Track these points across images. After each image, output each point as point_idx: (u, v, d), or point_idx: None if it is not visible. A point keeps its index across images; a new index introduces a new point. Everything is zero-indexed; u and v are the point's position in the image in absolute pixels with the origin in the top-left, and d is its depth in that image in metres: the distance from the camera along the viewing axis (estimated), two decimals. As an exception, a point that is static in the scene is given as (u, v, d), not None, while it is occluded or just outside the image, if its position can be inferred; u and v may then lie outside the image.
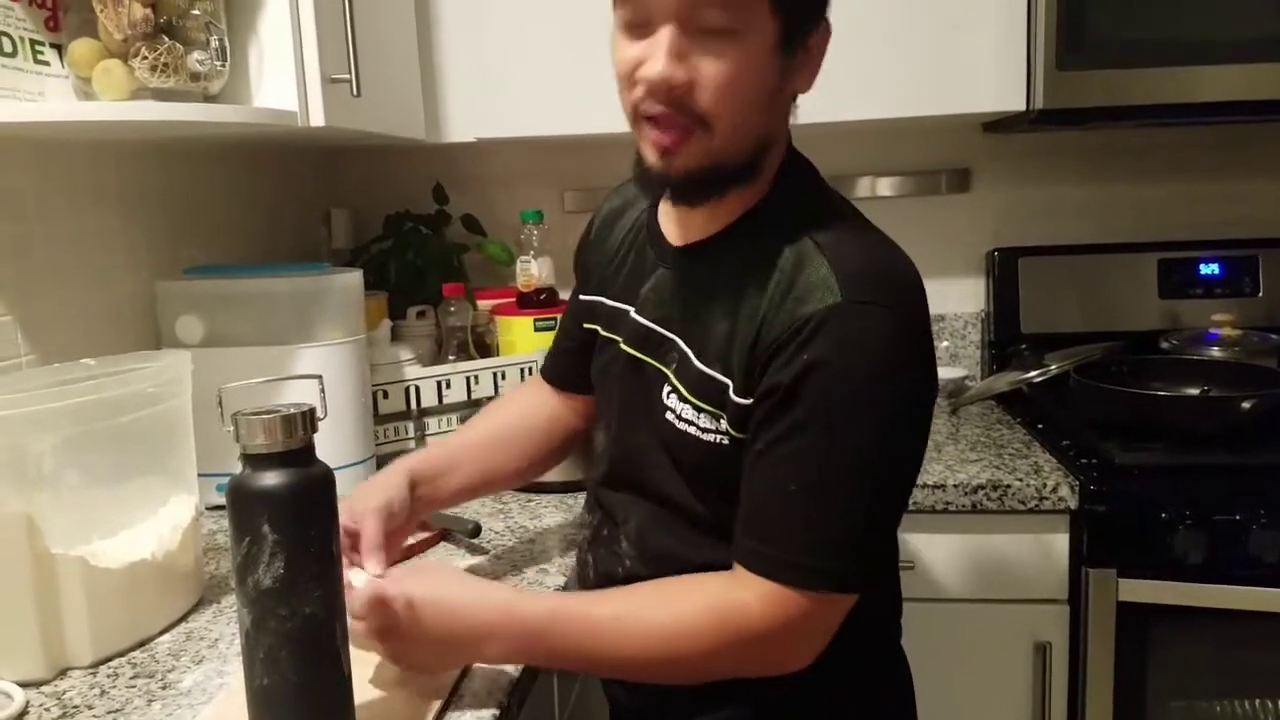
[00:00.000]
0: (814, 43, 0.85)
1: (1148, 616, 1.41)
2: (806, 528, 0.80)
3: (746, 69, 0.79)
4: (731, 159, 0.83)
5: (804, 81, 0.85)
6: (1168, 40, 1.56)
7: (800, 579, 0.80)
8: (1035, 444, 1.61)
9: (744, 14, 0.78)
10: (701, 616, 0.83)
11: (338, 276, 1.47)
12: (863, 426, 0.79)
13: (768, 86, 0.81)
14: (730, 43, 0.78)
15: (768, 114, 0.83)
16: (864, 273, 0.82)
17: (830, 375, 0.79)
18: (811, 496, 0.80)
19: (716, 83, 0.79)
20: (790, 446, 0.80)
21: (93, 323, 1.39)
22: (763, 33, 0.79)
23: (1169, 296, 1.88)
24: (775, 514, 0.82)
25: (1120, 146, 1.95)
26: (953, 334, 2.04)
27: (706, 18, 0.78)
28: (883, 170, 2.00)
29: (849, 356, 0.79)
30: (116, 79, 1.22)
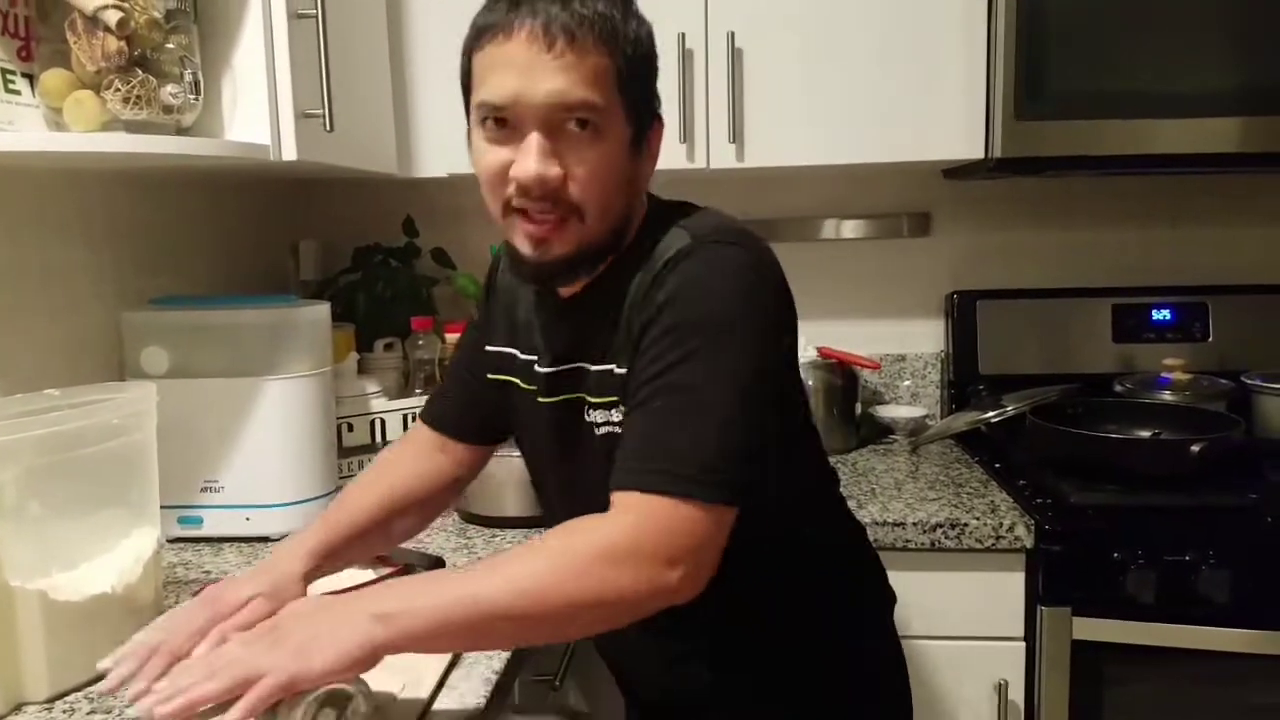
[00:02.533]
0: (653, 137, 0.95)
1: (1102, 654, 1.44)
2: (671, 440, 0.83)
3: (609, 163, 0.88)
4: (598, 240, 0.91)
5: (649, 167, 0.95)
6: (1122, 94, 1.62)
7: (666, 484, 0.80)
8: (993, 483, 1.64)
9: (604, 118, 0.87)
10: (576, 540, 0.81)
11: (304, 308, 1.47)
12: (719, 343, 0.85)
13: (625, 176, 0.91)
14: (593, 143, 0.87)
15: (626, 199, 0.93)
16: (715, 225, 0.92)
17: (684, 301, 0.86)
18: (675, 411, 0.83)
19: (585, 177, 0.87)
20: (655, 371, 0.85)
21: (57, 353, 1.38)
22: (619, 133, 0.89)
23: (1122, 340, 1.93)
24: (642, 433, 0.85)
25: (1077, 194, 2.01)
26: (913, 374, 2.07)
27: (577, 118, 0.86)
28: (845, 213, 2.04)
29: (701, 282, 0.87)
30: (88, 110, 1.22)
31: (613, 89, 0.87)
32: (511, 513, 1.47)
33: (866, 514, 1.48)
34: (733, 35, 1.67)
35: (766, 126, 1.71)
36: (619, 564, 0.79)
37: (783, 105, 1.71)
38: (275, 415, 1.43)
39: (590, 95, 0.85)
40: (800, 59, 1.70)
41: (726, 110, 1.69)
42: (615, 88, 0.87)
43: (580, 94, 0.85)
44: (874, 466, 1.76)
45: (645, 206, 0.98)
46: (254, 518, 1.44)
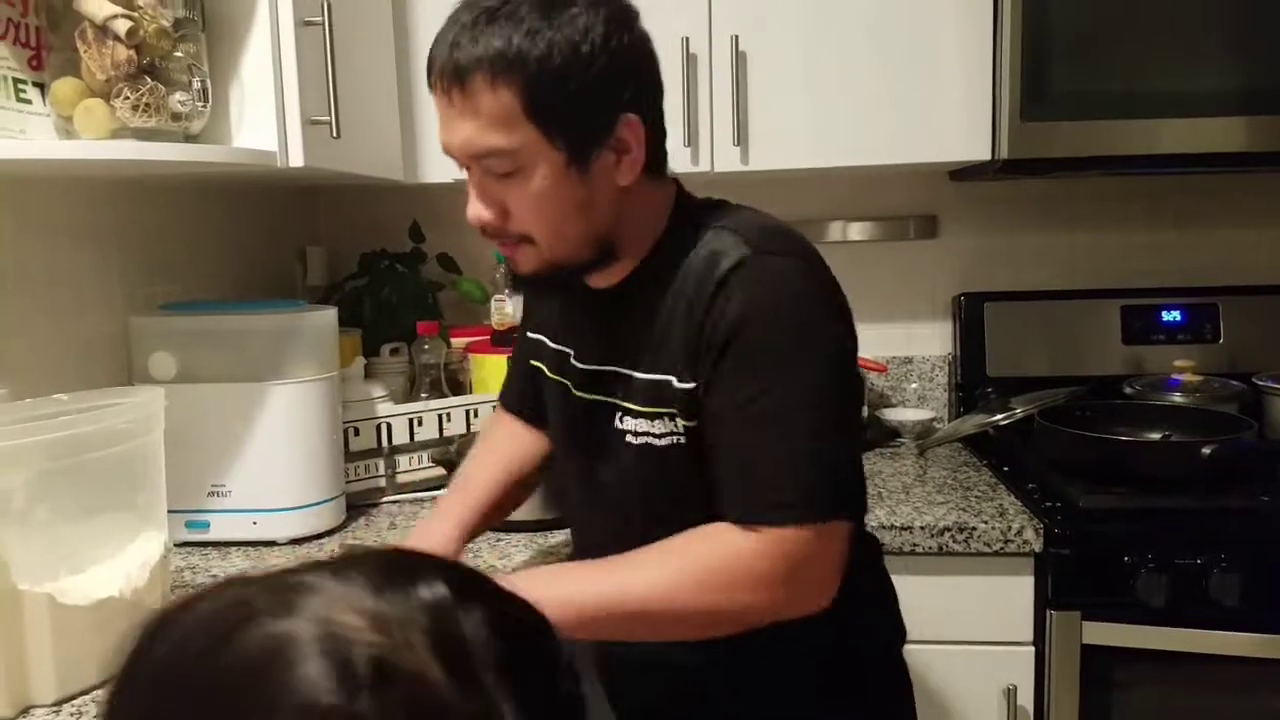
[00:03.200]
0: (616, 144, 0.89)
1: (1112, 659, 1.43)
2: (774, 470, 0.86)
3: (541, 197, 0.87)
4: (569, 258, 0.92)
5: (624, 175, 0.90)
6: (1128, 93, 1.61)
7: (789, 516, 0.84)
8: (1001, 486, 1.64)
9: (521, 156, 0.85)
10: (704, 555, 0.87)
11: (311, 314, 1.48)
12: (801, 364, 0.86)
13: (576, 199, 0.88)
14: (521, 179, 0.87)
15: (591, 217, 0.90)
16: (763, 229, 0.92)
17: (759, 323, 0.86)
18: (780, 439, 0.86)
19: (520, 214, 0.89)
20: (745, 397, 0.87)
21: (66, 358, 1.39)
22: (548, 161, 0.86)
23: (1132, 342, 1.92)
24: (746, 460, 0.87)
25: (1084, 195, 2.00)
26: (921, 376, 2.07)
27: (492, 165, 0.87)
28: (852, 216, 2.04)
29: (773, 302, 0.87)
30: (98, 118, 1.23)
31: (523, 122, 0.84)
32: (519, 516, 1.46)
33: (873, 518, 1.48)
34: (736, 39, 1.67)
35: (771, 129, 1.71)
36: (745, 586, 0.85)
37: (787, 108, 1.71)
38: (282, 420, 1.43)
39: (493, 141, 0.84)
40: (804, 61, 1.70)
41: (731, 113, 1.69)
42: (528, 119, 0.84)
43: (483, 142, 0.85)
44: (881, 470, 1.76)
45: (669, 200, 0.97)
46: (261, 522, 1.44)
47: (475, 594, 0.43)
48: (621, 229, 0.94)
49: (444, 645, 0.40)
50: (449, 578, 0.43)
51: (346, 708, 0.38)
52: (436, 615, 0.41)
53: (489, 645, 0.41)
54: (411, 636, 0.40)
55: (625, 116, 0.88)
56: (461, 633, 0.41)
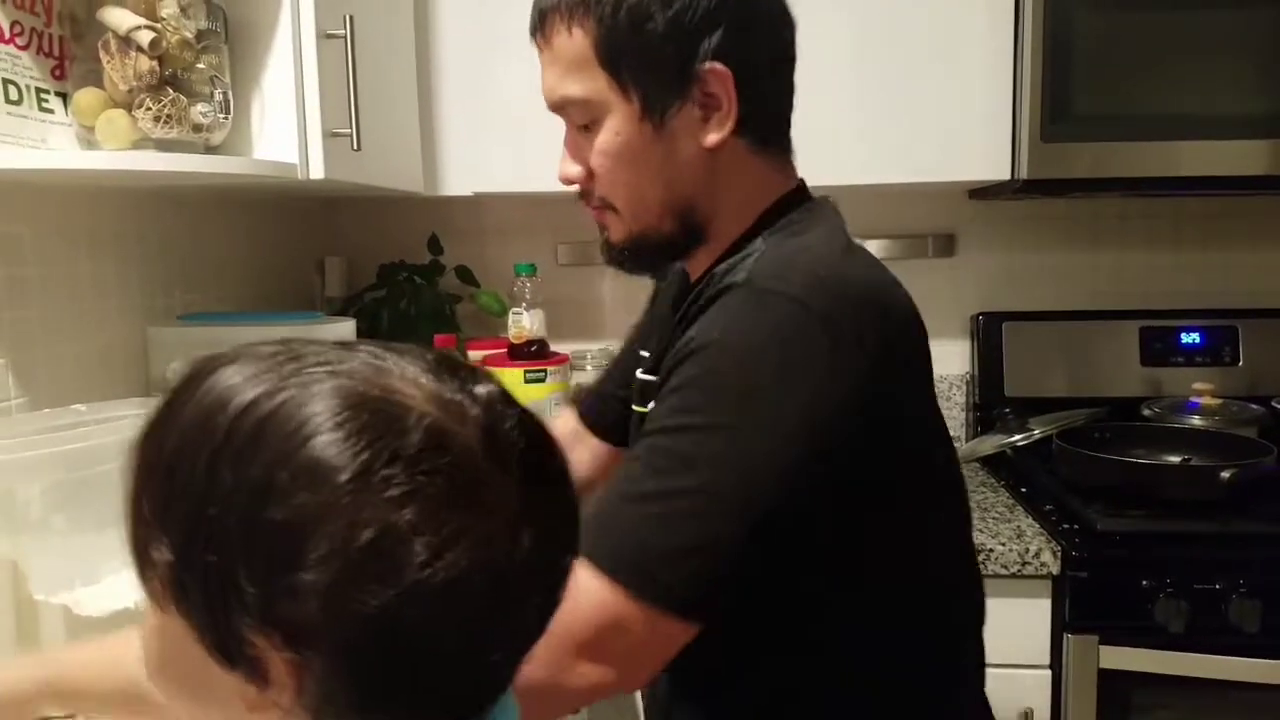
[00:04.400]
0: (702, 98, 0.79)
1: (1129, 684, 1.41)
2: (641, 520, 0.70)
3: (614, 153, 0.81)
4: (655, 230, 0.84)
5: (711, 134, 0.80)
6: (1150, 115, 1.60)
7: (617, 569, 0.69)
8: (1019, 508, 1.62)
9: (594, 106, 0.80)
10: None
11: (329, 325, 1.48)
12: (730, 422, 0.70)
13: (652, 157, 0.80)
14: (594, 133, 0.81)
15: (670, 182, 0.81)
16: (791, 261, 0.76)
17: (711, 356, 0.72)
18: (660, 486, 0.70)
19: (597, 171, 0.82)
20: (657, 427, 0.73)
21: (85, 368, 1.40)
22: (621, 113, 0.80)
23: (1150, 364, 1.91)
24: (621, 494, 0.73)
25: (1104, 215, 1.99)
26: (939, 395, 2.05)
27: (571, 115, 0.82)
28: (869, 234, 2.03)
29: (736, 339, 0.72)
30: (120, 129, 1.24)
31: (596, 68, 0.78)
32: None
33: (889, 537, 1.47)
34: (757, 56, 1.67)
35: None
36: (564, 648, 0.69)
37: (802, 125, 1.69)
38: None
39: (568, 88, 0.80)
40: (819, 77, 1.68)
41: (751, 131, 1.69)
42: (600, 64, 0.78)
43: (560, 91, 0.80)
44: (897, 489, 1.75)
45: (777, 189, 0.86)
46: None
47: (512, 401, 0.48)
48: (712, 203, 0.83)
49: (490, 433, 0.45)
50: (495, 381, 0.48)
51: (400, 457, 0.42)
52: (486, 407, 0.46)
53: (517, 445, 0.46)
54: (467, 417, 0.45)
55: (710, 66, 0.78)
56: (504, 427, 0.46)
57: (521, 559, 0.44)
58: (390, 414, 0.43)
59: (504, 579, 0.44)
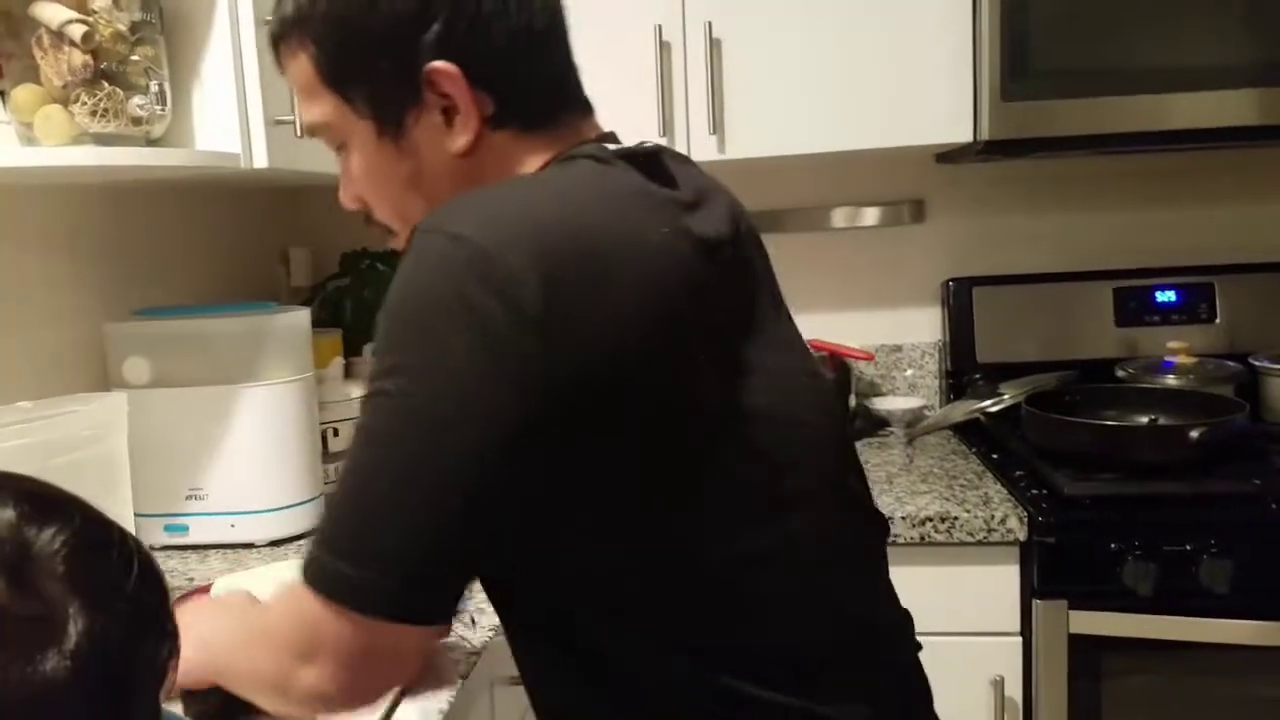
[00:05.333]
0: (433, 100, 0.72)
1: (1100, 648, 1.40)
2: (333, 508, 0.66)
3: (365, 173, 0.77)
4: None
5: (458, 138, 0.73)
6: (1112, 69, 1.57)
7: (308, 572, 0.65)
8: (988, 475, 1.61)
9: (335, 129, 0.76)
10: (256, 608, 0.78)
11: (283, 315, 1.47)
12: (403, 387, 0.62)
13: (401, 172, 0.75)
14: (347, 158, 0.78)
15: (431, 195, 0.74)
16: (465, 201, 0.68)
17: (381, 324, 0.65)
18: (347, 470, 0.65)
19: (361, 192, 0.79)
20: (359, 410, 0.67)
21: (39, 365, 1.39)
22: (359, 132, 0.75)
23: (1125, 324, 1.88)
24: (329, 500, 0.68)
25: (1074, 175, 1.97)
26: (911, 363, 2.04)
27: (326, 142, 0.79)
28: (837, 202, 2.01)
29: (392, 295, 0.64)
30: (57, 124, 1.23)
31: (324, 90, 0.74)
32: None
33: (855, 508, 1.46)
34: (710, 25, 1.65)
35: (748, 117, 1.69)
36: (262, 645, 0.70)
37: (764, 94, 1.68)
38: (256, 422, 1.43)
39: (309, 115, 0.76)
40: (780, 46, 1.67)
41: (706, 101, 1.67)
42: (326, 85, 0.74)
43: (306, 118, 0.77)
44: (867, 460, 1.73)
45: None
46: (238, 524, 1.44)
47: (52, 516, 0.50)
48: None
49: (4, 559, 0.47)
50: (24, 503, 0.50)
51: None
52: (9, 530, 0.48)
53: (56, 558, 0.48)
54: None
55: (434, 67, 0.71)
56: (29, 548, 0.48)
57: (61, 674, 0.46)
58: None
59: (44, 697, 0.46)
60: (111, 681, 0.49)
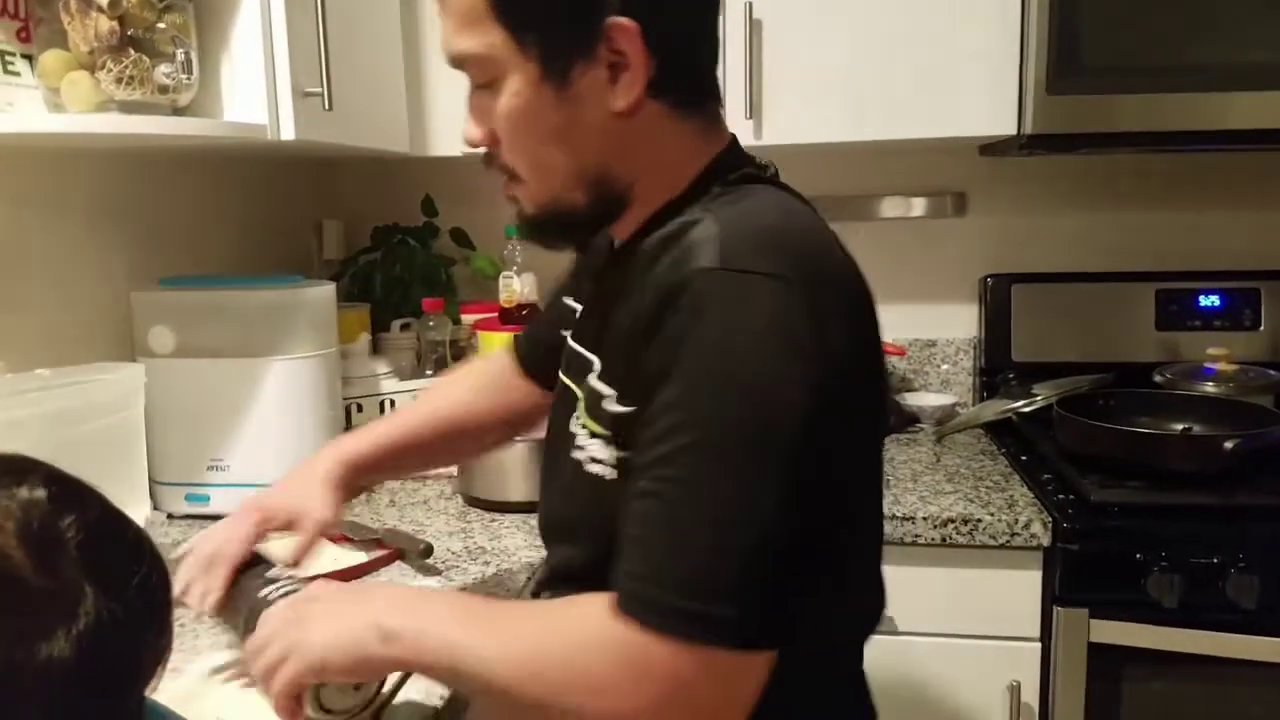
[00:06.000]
0: (609, 57, 0.72)
1: (1120, 659, 1.37)
2: (670, 556, 0.64)
3: (514, 116, 0.75)
4: (565, 202, 0.77)
5: (620, 97, 0.73)
6: (1163, 66, 1.52)
7: (662, 622, 0.63)
8: (1015, 477, 1.57)
9: (492, 64, 0.74)
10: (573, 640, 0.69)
11: (309, 289, 1.47)
12: (742, 425, 0.64)
13: (554, 122, 0.74)
14: (495, 94, 0.75)
15: (577, 150, 0.75)
16: (755, 234, 0.70)
17: (702, 363, 0.65)
18: (681, 519, 0.65)
19: (501, 134, 0.76)
20: (661, 453, 0.66)
21: (66, 332, 1.40)
22: (520, 72, 0.73)
23: (1166, 328, 1.83)
24: (643, 537, 0.66)
25: (1120, 172, 1.91)
26: (945, 359, 2.00)
27: (472, 75, 0.77)
28: (875, 192, 1.97)
29: (727, 340, 0.65)
30: (83, 90, 1.23)
31: (492, 22, 0.72)
32: (514, 497, 1.45)
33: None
34: (750, 6, 1.61)
35: (786, 102, 1.65)
36: (587, 689, 0.66)
37: (804, 79, 1.65)
38: (279, 395, 1.43)
39: (462, 45, 0.74)
40: (823, 30, 1.63)
41: (744, 85, 1.63)
42: (497, 18, 0.72)
43: (455, 47, 0.75)
44: (893, 456, 1.71)
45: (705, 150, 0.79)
46: None
47: (75, 503, 0.53)
48: (624, 170, 0.77)
49: (31, 534, 0.49)
50: (53, 485, 0.53)
51: None
52: (29, 510, 0.50)
53: (76, 541, 0.50)
54: (4, 523, 0.49)
55: (616, 21, 0.71)
56: (54, 528, 0.50)
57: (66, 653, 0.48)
58: None
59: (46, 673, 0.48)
60: (112, 668, 0.50)
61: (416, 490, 1.56)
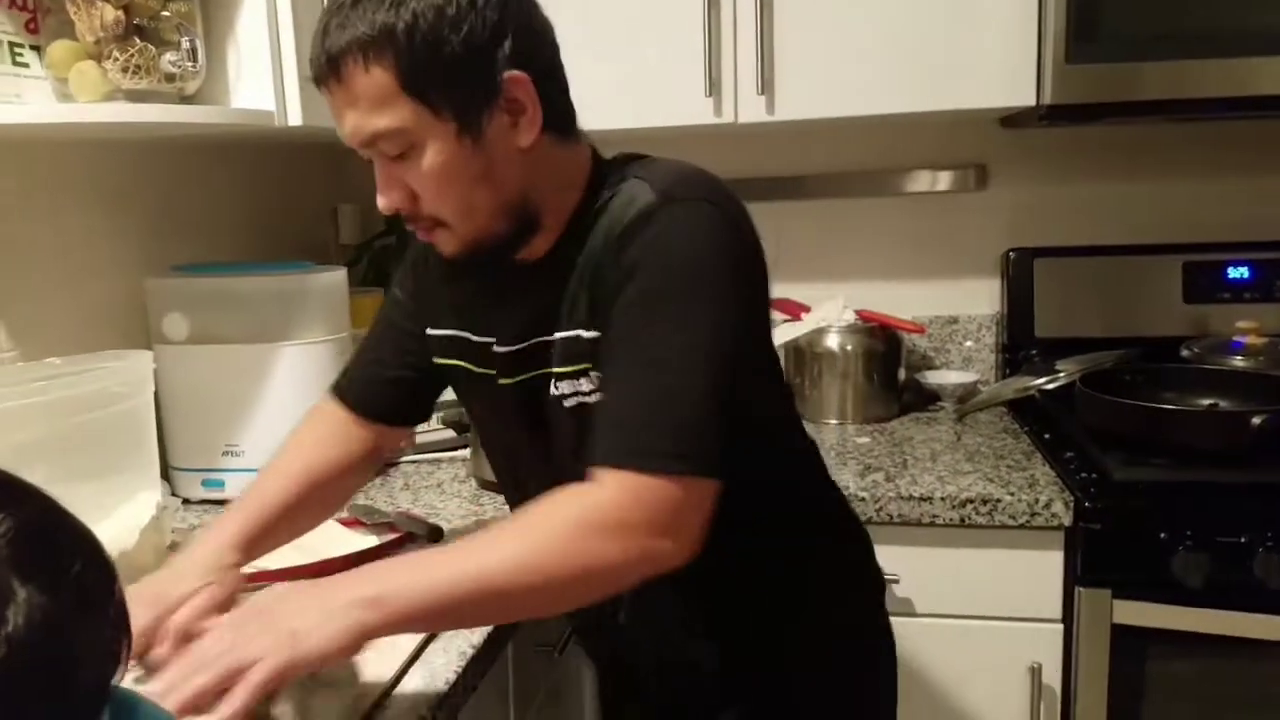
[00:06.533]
0: (508, 104, 0.85)
1: (1144, 640, 1.34)
2: (645, 414, 0.81)
3: (440, 174, 0.84)
4: (487, 234, 0.88)
5: (524, 136, 0.86)
6: (1185, 31, 1.47)
7: (640, 460, 0.79)
8: (1037, 455, 1.55)
9: (409, 134, 0.83)
10: (561, 514, 0.81)
11: (320, 275, 1.47)
12: (692, 310, 0.82)
13: (476, 168, 0.85)
14: (416, 158, 0.84)
15: (496, 185, 0.87)
16: (680, 178, 0.87)
17: (654, 265, 0.83)
18: (648, 384, 0.82)
19: (424, 194, 0.86)
20: (628, 342, 0.83)
21: (82, 319, 1.42)
22: (438, 135, 0.83)
23: (1194, 301, 1.79)
24: (617, 407, 0.83)
25: (1144, 142, 1.86)
26: (966, 336, 1.97)
27: (385, 148, 0.84)
28: (892, 167, 1.94)
29: (671, 244, 0.83)
30: (91, 80, 1.24)
31: (403, 99, 0.82)
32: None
33: (892, 487, 1.41)
34: (761, -20, 1.59)
35: (799, 76, 1.62)
36: (608, 536, 0.79)
37: (816, 52, 1.62)
38: (292, 380, 1.44)
39: (378, 123, 0.82)
40: (835, 1, 1.60)
41: (755, 59, 1.61)
42: (406, 95, 0.82)
43: (369, 128, 0.83)
44: (912, 435, 1.68)
45: (586, 164, 0.94)
46: None
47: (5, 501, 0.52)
48: (536, 195, 0.90)
49: None
50: None
51: None
52: None
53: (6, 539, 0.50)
54: None
55: (510, 74, 0.84)
56: None
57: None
58: None
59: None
60: (48, 665, 0.49)
61: (431, 473, 1.57)
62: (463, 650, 0.98)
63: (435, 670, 0.94)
